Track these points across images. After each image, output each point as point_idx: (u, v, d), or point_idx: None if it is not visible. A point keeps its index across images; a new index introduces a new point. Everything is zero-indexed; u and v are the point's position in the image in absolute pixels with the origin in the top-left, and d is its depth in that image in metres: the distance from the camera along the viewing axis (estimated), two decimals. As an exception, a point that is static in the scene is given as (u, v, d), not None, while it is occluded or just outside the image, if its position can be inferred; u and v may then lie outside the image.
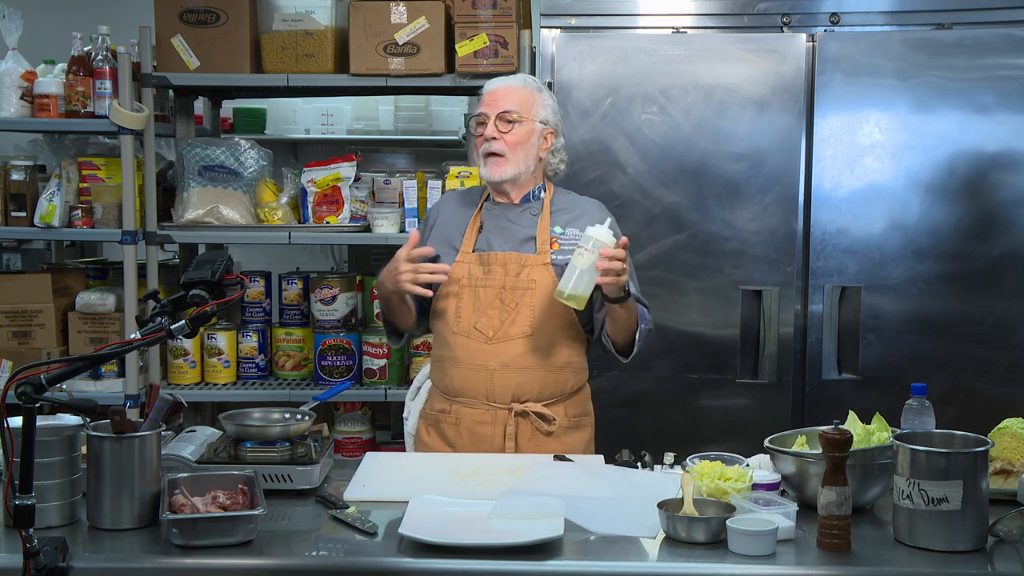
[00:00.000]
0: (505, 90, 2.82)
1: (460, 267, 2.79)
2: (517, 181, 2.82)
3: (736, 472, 2.26)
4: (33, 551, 1.88)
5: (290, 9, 3.90)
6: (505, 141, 2.77)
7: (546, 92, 2.89)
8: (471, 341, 2.76)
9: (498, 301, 2.76)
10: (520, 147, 2.79)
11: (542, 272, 2.76)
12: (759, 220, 3.54)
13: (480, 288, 2.77)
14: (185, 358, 4.05)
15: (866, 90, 3.49)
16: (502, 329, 2.75)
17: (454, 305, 2.79)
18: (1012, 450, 2.41)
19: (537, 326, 2.75)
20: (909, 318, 3.53)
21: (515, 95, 2.81)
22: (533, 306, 2.75)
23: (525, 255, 2.78)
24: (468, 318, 2.77)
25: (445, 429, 2.81)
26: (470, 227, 2.84)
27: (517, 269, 2.76)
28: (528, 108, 2.80)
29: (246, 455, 2.40)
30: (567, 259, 2.74)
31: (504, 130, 2.78)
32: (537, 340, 2.75)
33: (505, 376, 2.74)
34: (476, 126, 2.83)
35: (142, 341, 2.10)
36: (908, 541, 2.09)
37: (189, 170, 3.96)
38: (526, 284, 2.75)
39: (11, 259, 4.91)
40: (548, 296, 2.73)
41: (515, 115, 2.78)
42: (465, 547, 2.03)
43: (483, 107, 2.81)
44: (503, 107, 2.78)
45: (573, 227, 2.82)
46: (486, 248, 2.80)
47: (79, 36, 3.90)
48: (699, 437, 3.33)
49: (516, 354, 2.74)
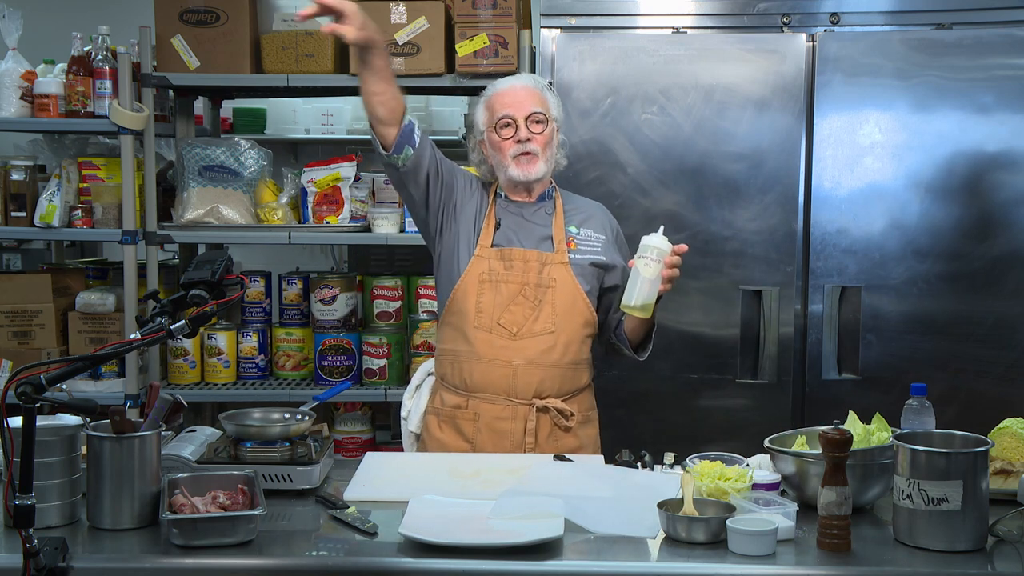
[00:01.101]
0: (526, 91, 2.86)
1: (480, 262, 2.81)
2: (544, 179, 2.87)
3: (736, 472, 2.26)
4: (33, 551, 1.88)
5: (290, 9, 3.90)
6: (538, 141, 2.82)
7: (550, 89, 2.96)
8: (494, 337, 2.78)
9: (521, 297, 2.78)
10: (549, 146, 2.85)
11: (561, 271, 2.80)
12: (759, 220, 3.54)
13: (502, 283, 2.79)
14: (185, 358, 4.05)
15: (866, 90, 3.49)
16: (526, 326, 2.77)
17: (474, 300, 2.79)
18: (1012, 450, 2.41)
19: (559, 324, 2.78)
20: (909, 318, 3.53)
21: (535, 96, 2.86)
22: (555, 303, 2.78)
23: (545, 253, 2.82)
24: (490, 313, 2.78)
25: (462, 425, 2.82)
26: (486, 221, 2.86)
27: (539, 267, 2.80)
28: (548, 108, 2.87)
29: (246, 455, 2.40)
30: (584, 259, 2.82)
31: (536, 131, 2.82)
32: (559, 337, 2.78)
33: (528, 372, 2.77)
34: (500, 128, 2.82)
35: (142, 341, 2.10)
36: (908, 541, 2.09)
37: (189, 170, 3.96)
38: (548, 282, 2.79)
39: (11, 259, 4.91)
40: (569, 295, 2.79)
41: (542, 115, 2.83)
42: (465, 547, 2.03)
43: (508, 109, 2.82)
44: (531, 108, 2.82)
45: (587, 228, 2.89)
46: (506, 244, 2.83)
47: (79, 36, 3.90)
48: (699, 437, 3.34)
49: (540, 351, 2.77)
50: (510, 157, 2.81)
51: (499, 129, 2.83)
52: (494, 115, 2.84)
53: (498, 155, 2.84)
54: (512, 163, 2.82)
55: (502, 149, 2.82)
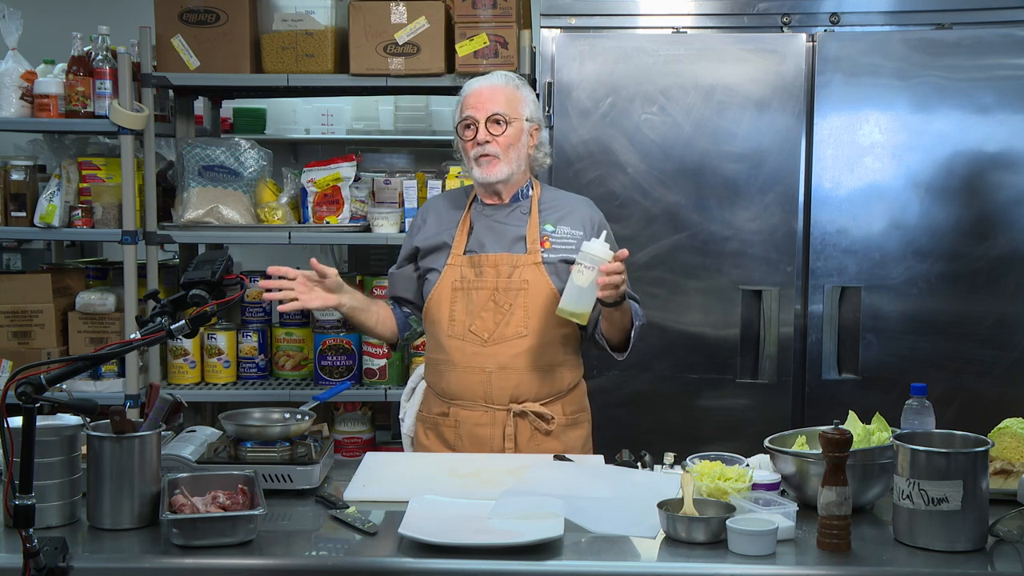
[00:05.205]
0: (490, 91, 2.80)
1: (452, 270, 2.79)
2: (510, 181, 2.82)
3: (736, 472, 2.26)
4: (33, 551, 1.88)
5: (290, 9, 3.90)
6: (498, 143, 2.76)
7: (526, 87, 2.87)
8: (466, 344, 2.76)
9: (491, 303, 2.76)
10: (512, 148, 2.78)
11: (534, 272, 2.76)
12: (759, 220, 3.54)
13: (473, 291, 2.77)
14: (185, 358, 4.05)
15: (866, 90, 3.49)
16: (497, 331, 2.75)
17: (447, 309, 2.78)
18: (1012, 450, 2.41)
19: (532, 326, 2.75)
20: (909, 318, 3.53)
21: (500, 95, 2.79)
22: (527, 307, 2.75)
23: (516, 255, 2.77)
24: (462, 321, 2.77)
25: (445, 432, 2.81)
26: (460, 229, 2.83)
27: (509, 270, 2.76)
28: (515, 107, 2.79)
29: (246, 455, 2.40)
30: (559, 257, 2.76)
31: (496, 132, 2.76)
32: (532, 340, 2.75)
33: (502, 377, 2.74)
34: (463, 130, 2.80)
35: (142, 341, 2.10)
36: (908, 541, 2.09)
37: (189, 170, 3.96)
38: (519, 285, 2.75)
39: (11, 259, 4.90)
40: (542, 296, 2.74)
41: (504, 116, 2.77)
42: (465, 547, 2.03)
43: (469, 110, 2.79)
44: (491, 109, 2.77)
45: (564, 224, 2.82)
46: (477, 250, 2.80)
47: (79, 36, 3.91)
48: (699, 437, 3.33)
49: (512, 355, 2.74)
50: (472, 159, 2.79)
51: (462, 131, 2.81)
52: (459, 116, 2.82)
53: (464, 156, 2.83)
54: (474, 164, 2.79)
55: (465, 151, 2.81)
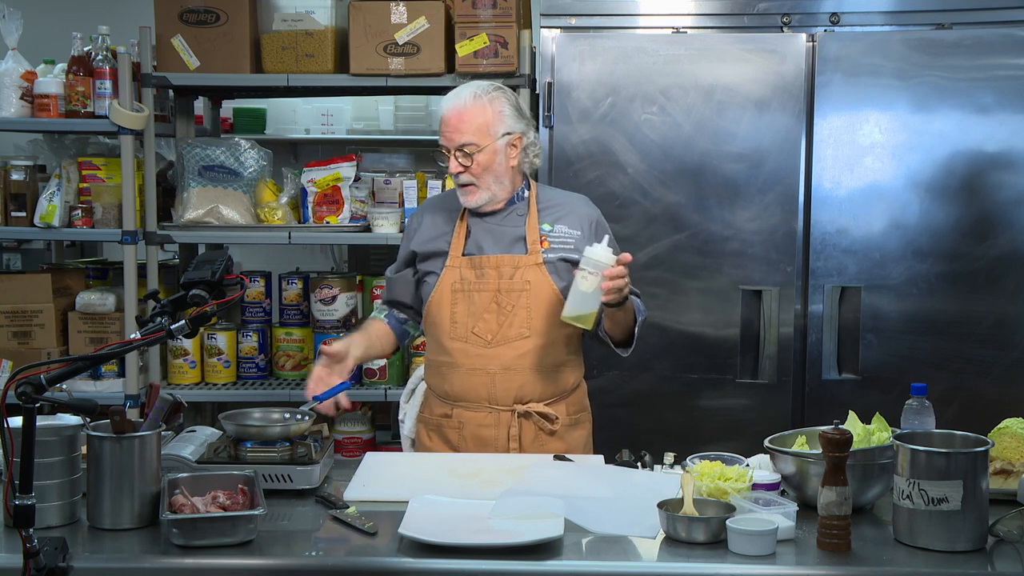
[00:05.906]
0: (457, 117, 2.72)
1: (451, 272, 2.78)
2: (495, 199, 2.79)
3: (736, 472, 2.26)
4: (33, 551, 1.88)
5: (290, 9, 3.90)
6: (471, 172, 2.73)
7: (501, 97, 2.77)
8: (469, 346, 2.76)
9: (494, 304, 2.75)
10: (488, 171, 2.74)
11: (535, 272, 2.75)
12: (759, 220, 3.54)
13: (474, 292, 2.76)
14: (185, 358, 4.05)
15: (866, 90, 3.49)
16: (500, 332, 2.74)
17: (448, 311, 2.78)
18: (1012, 450, 2.41)
19: (535, 327, 2.74)
20: (909, 318, 3.53)
21: (468, 121, 2.71)
22: (529, 307, 2.74)
23: (517, 256, 2.77)
24: (464, 323, 2.76)
25: (448, 434, 2.81)
26: (457, 231, 2.82)
27: (511, 271, 2.75)
28: (484, 131, 2.72)
29: (246, 455, 2.40)
30: (557, 256, 2.76)
31: (467, 163, 2.72)
32: (536, 341, 2.75)
33: (506, 378, 2.74)
34: (440, 154, 2.77)
35: (142, 341, 2.10)
36: (908, 541, 2.09)
37: (189, 170, 3.96)
38: (521, 286, 2.75)
39: (11, 259, 4.90)
40: (544, 296, 2.74)
41: (473, 145, 2.71)
42: (465, 547, 2.03)
43: (442, 139, 2.75)
44: (458, 141, 2.71)
45: (561, 224, 2.81)
46: (476, 252, 2.79)
47: (79, 36, 3.91)
48: (699, 437, 3.33)
49: (516, 356, 2.74)
50: (455, 183, 2.79)
51: (441, 154, 2.78)
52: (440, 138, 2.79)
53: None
54: (458, 189, 2.79)
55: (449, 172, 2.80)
